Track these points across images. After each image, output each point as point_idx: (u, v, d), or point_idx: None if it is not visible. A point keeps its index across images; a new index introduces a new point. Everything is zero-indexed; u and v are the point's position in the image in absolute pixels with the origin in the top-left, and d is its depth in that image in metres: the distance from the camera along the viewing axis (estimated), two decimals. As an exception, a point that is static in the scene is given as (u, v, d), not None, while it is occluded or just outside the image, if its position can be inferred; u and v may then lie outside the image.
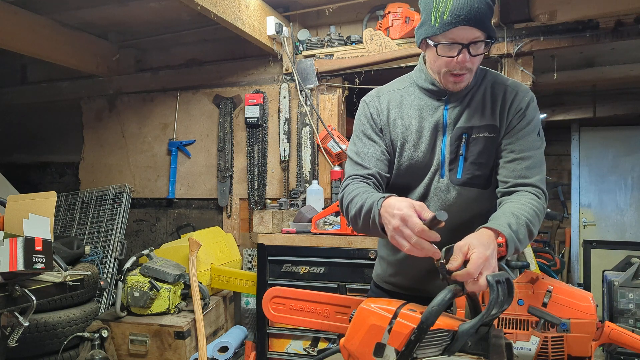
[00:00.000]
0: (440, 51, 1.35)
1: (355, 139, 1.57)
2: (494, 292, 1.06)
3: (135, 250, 4.14)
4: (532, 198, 1.35)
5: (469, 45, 1.33)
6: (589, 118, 5.53)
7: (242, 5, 3.30)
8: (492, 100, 1.47)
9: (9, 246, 2.03)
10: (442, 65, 1.38)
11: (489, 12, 1.33)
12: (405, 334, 1.05)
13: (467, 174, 1.45)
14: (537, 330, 1.36)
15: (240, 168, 4.04)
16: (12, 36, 3.51)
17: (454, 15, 1.29)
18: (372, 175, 1.46)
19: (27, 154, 4.99)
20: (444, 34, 1.33)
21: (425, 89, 1.50)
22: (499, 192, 1.44)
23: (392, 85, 1.59)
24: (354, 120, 1.65)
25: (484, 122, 1.45)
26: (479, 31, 1.32)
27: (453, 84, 1.41)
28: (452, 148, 1.46)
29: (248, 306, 3.68)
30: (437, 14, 1.32)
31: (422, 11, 1.39)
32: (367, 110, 1.56)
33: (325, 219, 3.15)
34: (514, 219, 1.24)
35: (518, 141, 1.42)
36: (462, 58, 1.34)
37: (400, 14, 3.48)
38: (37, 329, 2.98)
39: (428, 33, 1.36)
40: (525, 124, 1.43)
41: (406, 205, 1.17)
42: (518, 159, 1.41)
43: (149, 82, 4.39)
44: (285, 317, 1.67)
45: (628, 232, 5.68)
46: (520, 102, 1.45)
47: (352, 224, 1.41)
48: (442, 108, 1.47)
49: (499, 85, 1.49)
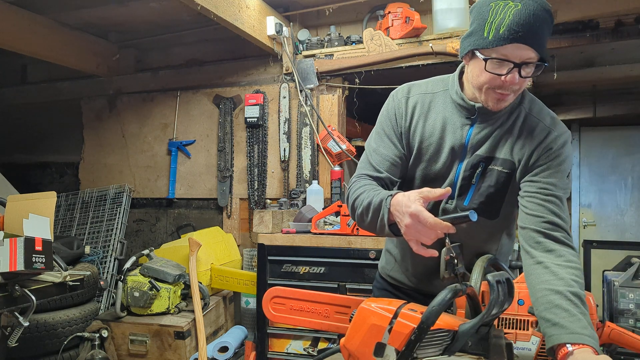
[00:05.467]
0: (489, 67, 1.25)
1: (376, 135, 1.51)
2: (494, 292, 1.06)
3: (135, 250, 4.14)
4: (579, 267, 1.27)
5: (521, 65, 1.23)
6: (589, 118, 5.53)
7: (242, 5, 3.29)
8: (519, 134, 1.39)
9: (9, 246, 2.03)
10: (486, 81, 1.29)
11: (547, 33, 1.24)
12: (405, 334, 1.05)
13: (474, 203, 1.42)
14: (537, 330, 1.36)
15: (240, 168, 4.04)
16: (12, 36, 3.51)
17: (512, 31, 1.19)
18: (382, 180, 1.43)
19: (27, 154, 4.98)
20: (496, 49, 1.23)
21: (455, 101, 1.42)
22: (531, 225, 1.32)
23: (426, 86, 1.50)
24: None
25: (503, 155, 1.38)
26: (534, 52, 1.23)
27: (495, 102, 1.31)
28: (465, 174, 1.41)
29: (248, 306, 3.68)
30: (492, 25, 1.22)
31: (474, 19, 1.29)
32: (393, 109, 1.49)
33: (325, 219, 3.15)
34: (588, 323, 1.18)
35: (549, 180, 1.34)
36: (511, 78, 1.25)
37: (400, 14, 3.47)
38: (37, 329, 2.98)
39: (478, 45, 1.26)
40: (557, 164, 1.36)
41: (414, 199, 1.17)
42: (548, 197, 1.32)
43: (149, 82, 4.39)
44: (285, 317, 1.67)
45: (628, 232, 5.68)
46: (551, 142, 1.36)
47: (358, 221, 1.40)
48: (468, 128, 1.40)
49: (532, 118, 1.40)
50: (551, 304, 1.19)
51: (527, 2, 1.20)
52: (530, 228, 1.32)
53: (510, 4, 1.21)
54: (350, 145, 3.63)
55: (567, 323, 1.15)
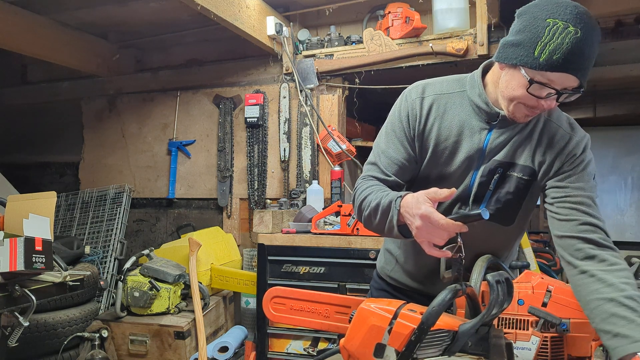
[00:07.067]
0: (531, 89, 1.20)
1: (385, 135, 1.45)
2: (493, 291, 1.06)
3: (135, 250, 4.14)
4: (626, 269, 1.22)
5: (562, 92, 1.20)
6: (589, 118, 5.53)
7: (242, 5, 3.29)
8: (539, 139, 1.36)
9: (9, 246, 2.03)
10: (521, 97, 1.24)
11: (593, 63, 1.21)
12: (405, 335, 1.04)
13: (490, 209, 1.38)
14: (537, 330, 1.36)
15: (240, 168, 4.04)
16: (12, 36, 3.51)
17: (567, 60, 1.14)
18: (389, 182, 1.41)
19: (27, 154, 4.98)
20: (545, 73, 1.17)
21: (476, 105, 1.37)
22: (569, 234, 1.29)
23: (441, 86, 1.44)
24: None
25: (522, 162, 1.36)
26: (577, 81, 1.19)
27: (523, 116, 1.29)
28: (482, 179, 1.38)
29: (248, 306, 3.68)
30: (546, 47, 1.15)
31: (525, 28, 1.20)
32: (405, 110, 1.42)
33: (326, 219, 3.15)
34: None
35: (576, 184, 1.32)
36: (549, 104, 1.23)
37: (400, 14, 3.47)
38: (37, 329, 2.98)
39: (526, 63, 1.18)
40: (582, 168, 1.34)
41: (423, 200, 1.16)
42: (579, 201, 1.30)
43: (148, 82, 4.39)
44: (285, 317, 1.66)
45: (628, 232, 5.68)
46: (574, 147, 1.35)
47: (365, 223, 1.39)
48: (486, 132, 1.36)
49: (552, 124, 1.38)
50: (607, 314, 1.15)
51: (587, 30, 1.16)
52: (567, 235, 1.29)
53: (570, 28, 1.15)
54: (350, 145, 3.63)
55: (629, 331, 1.11)
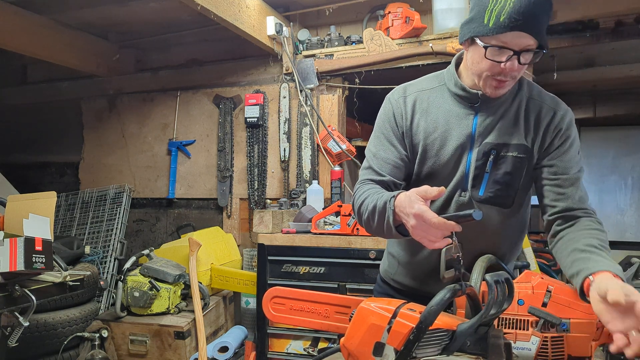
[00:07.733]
0: (489, 54, 1.26)
1: (374, 139, 1.49)
2: (492, 292, 1.06)
3: (135, 250, 4.14)
4: (599, 228, 1.32)
5: (521, 52, 1.25)
6: (589, 118, 5.54)
7: (242, 5, 3.30)
8: (525, 117, 1.40)
9: (9, 246, 2.03)
10: (485, 68, 1.30)
11: (547, 20, 1.26)
12: (404, 334, 1.05)
13: (489, 192, 1.40)
14: (537, 330, 1.36)
15: (240, 168, 4.04)
16: (12, 36, 3.51)
17: (512, 19, 1.20)
18: (385, 183, 1.42)
19: (27, 154, 4.98)
20: (497, 37, 1.23)
21: (455, 94, 1.42)
22: (550, 216, 1.39)
23: (421, 84, 1.49)
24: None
25: (515, 141, 1.38)
26: (533, 39, 1.24)
27: (493, 89, 1.33)
28: (477, 163, 1.39)
29: (248, 306, 3.68)
30: (492, 13, 1.22)
31: (474, 5, 1.29)
32: (391, 111, 1.47)
33: (325, 219, 3.15)
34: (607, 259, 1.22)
35: (562, 163, 1.38)
36: (510, 65, 1.26)
37: (400, 14, 3.47)
38: (37, 329, 2.98)
39: (478, 32, 1.26)
40: (568, 145, 1.39)
41: (415, 199, 1.16)
42: (564, 181, 1.37)
43: (149, 82, 4.39)
44: (285, 317, 1.66)
45: (628, 232, 5.68)
46: (559, 122, 1.39)
47: (366, 227, 1.39)
48: (472, 117, 1.40)
49: (534, 101, 1.41)
50: (572, 259, 1.25)
51: None
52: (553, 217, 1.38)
53: None
54: (350, 145, 3.63)
55: (585, 264, 1.20)
